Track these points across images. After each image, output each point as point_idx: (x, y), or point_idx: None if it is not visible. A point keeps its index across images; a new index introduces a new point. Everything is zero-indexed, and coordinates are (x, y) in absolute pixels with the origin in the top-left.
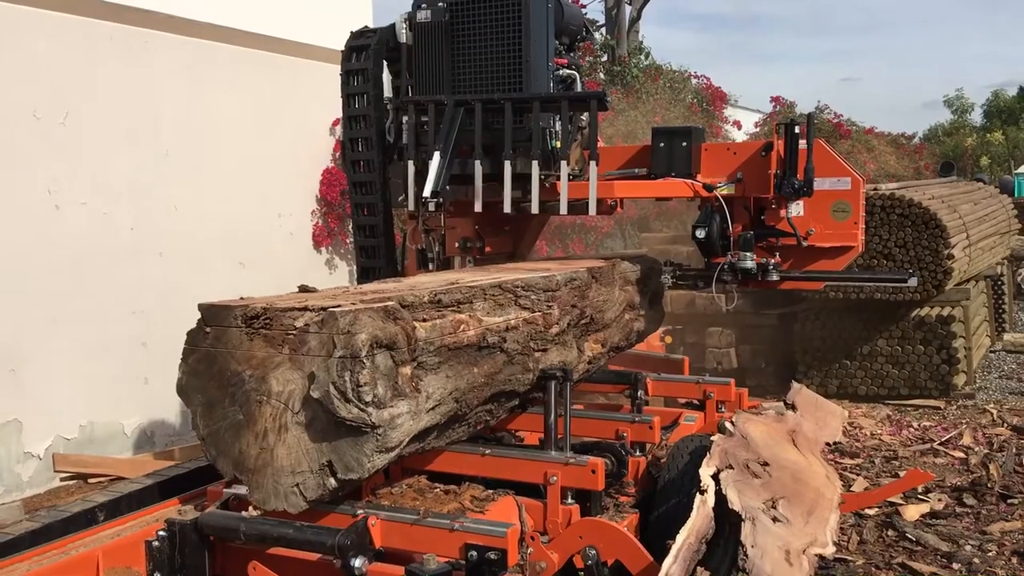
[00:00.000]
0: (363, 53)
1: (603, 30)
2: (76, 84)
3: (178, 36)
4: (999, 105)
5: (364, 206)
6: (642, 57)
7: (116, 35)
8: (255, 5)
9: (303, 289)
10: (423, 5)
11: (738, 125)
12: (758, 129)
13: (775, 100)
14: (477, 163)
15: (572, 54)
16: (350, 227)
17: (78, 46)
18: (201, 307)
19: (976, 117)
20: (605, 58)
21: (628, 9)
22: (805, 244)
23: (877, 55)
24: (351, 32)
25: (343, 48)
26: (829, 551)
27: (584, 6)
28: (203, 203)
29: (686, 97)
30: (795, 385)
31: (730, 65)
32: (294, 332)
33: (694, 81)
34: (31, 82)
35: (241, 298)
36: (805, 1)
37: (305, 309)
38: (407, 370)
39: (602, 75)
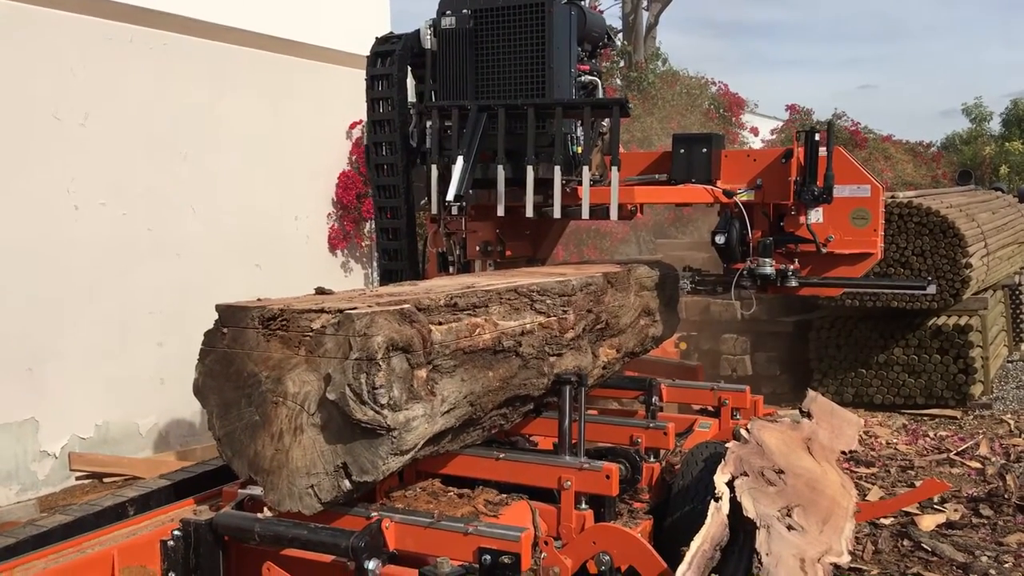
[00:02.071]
0: (388, 58)
1: (620, 36)
2: (96, 86)
3: (197, 39)
4: (1018, 114)
5: (387, 209)
6: (659, 63)
7: (137, 37)
8: (274, 9)
9: (319, 291)
10: (448, 12)
11: (755, 132)
12: (775, 136)
13: (791, 108)
14: (500, 168)
15: (594, 60)
16: (366, 230)
17: (99, 48)
18: (218, 308)
19: (994, 126)
20: (622, 64)
21: (645, 15)
22: (824, 251)
23: (895, 63)
24: (376, 38)
25: (368, 53)
26: (844, 560)
27: (601, 12)
28: (220, 205)
29: (703, 103)
30: (811, 393)
31: (748, 72)
32: (311, 334)
33: (712, 88)
34: (52, 83)
35: (258, 299)
36: (824, 8)
37: (322, 311)
38: (422, 373)
39: (619, 81)
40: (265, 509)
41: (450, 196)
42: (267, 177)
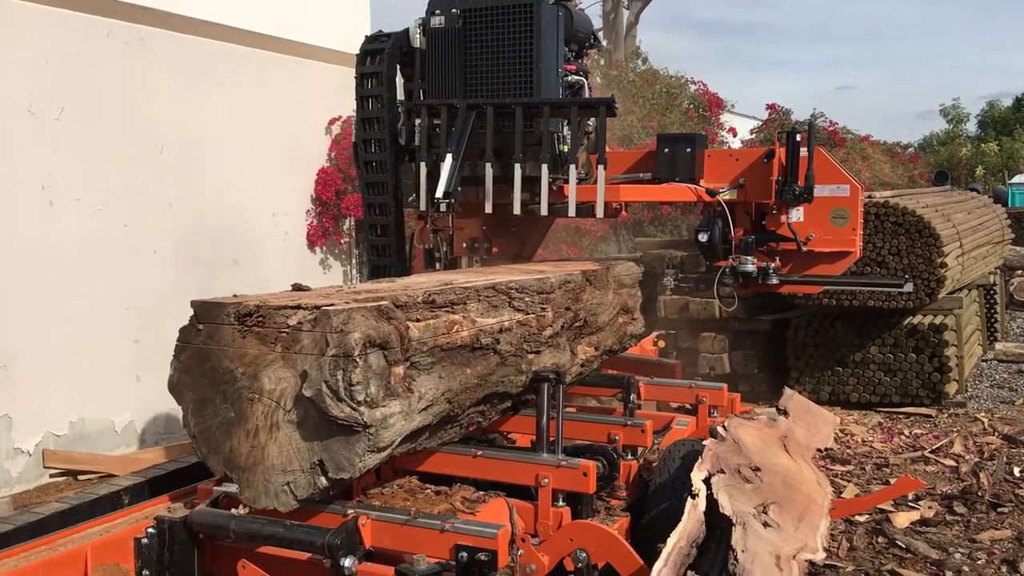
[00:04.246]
0: (377, 57)
1: (600, 34)
2: (72, 80)
3: (175, 33)
4: (994, 116)
5: (376, 206)
6: (639, 62)
7: (114, 31)
8: (253, 4)
9: (296, 287)
10: (437, 11)
11: (733, 132)
12: (754, 136)
13: (771, 108)
14: (488, 165)
15: (580, 60)
16: (345, 227)
17: (75, 42)
18: (194, 304)
19: (971, 127)
20: (602, 62)
21: (626, 14)
22: (805, 249)
23: (873, 64)
24: (366, 36)
25: (358, 52)
26: (819, 557)
27: (583, 10)
28: (197, 201)
29: (683, 103)
30: (787, 391)
31: (727, 71)
32: (287, 330)
33: (692, 87)
34: (27, 77)
35: (234, 295)
36: (804, 10)
37: (298, 307)
38: (400, 370)
39: (598, 79)
40: (240, 506)
41: (439, 193)
42: (245, 173)
